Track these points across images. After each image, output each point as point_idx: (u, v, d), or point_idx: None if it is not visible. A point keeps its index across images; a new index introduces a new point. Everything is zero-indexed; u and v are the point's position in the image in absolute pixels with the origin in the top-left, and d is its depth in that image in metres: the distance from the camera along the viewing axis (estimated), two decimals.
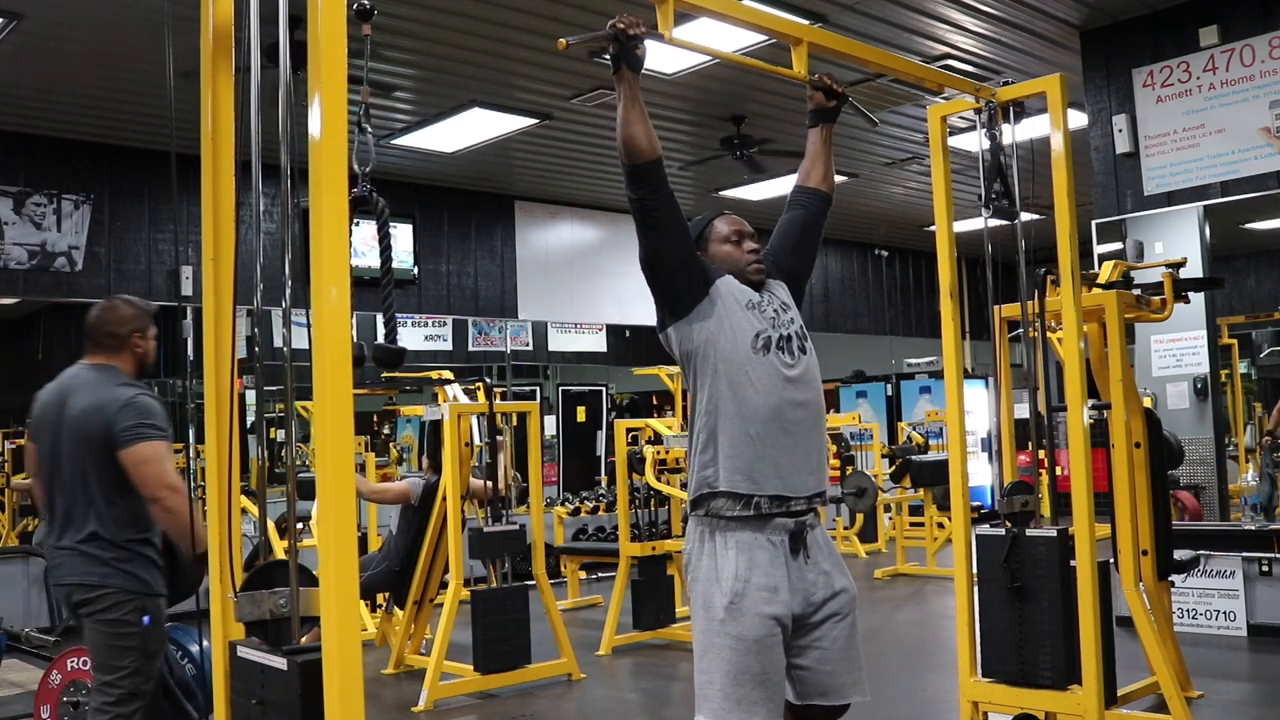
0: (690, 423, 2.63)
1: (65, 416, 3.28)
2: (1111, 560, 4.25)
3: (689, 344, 2.58)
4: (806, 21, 6.03)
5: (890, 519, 10.65)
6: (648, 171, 2.51)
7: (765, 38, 5.18)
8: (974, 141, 3.78)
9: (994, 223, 3.76)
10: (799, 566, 2.53)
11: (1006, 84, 3.79)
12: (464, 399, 6.16)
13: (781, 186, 9.67)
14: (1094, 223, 6.89)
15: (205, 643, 3.37)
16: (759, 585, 2.46)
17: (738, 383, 2.52)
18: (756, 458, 2.49)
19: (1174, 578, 4.65)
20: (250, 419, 7.40)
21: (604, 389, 11.86)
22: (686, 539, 2.62)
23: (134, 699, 3.15)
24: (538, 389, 11.56)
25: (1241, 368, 9.01)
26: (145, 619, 3.19)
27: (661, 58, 6.77)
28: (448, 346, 10.46)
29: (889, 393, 13.83)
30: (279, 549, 5.38)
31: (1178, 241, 6.53)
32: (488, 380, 6.06)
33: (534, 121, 8.08)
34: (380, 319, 2.30)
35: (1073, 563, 3.49)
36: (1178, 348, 6.80)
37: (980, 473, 12.38)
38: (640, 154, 2.50)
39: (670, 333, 2.62)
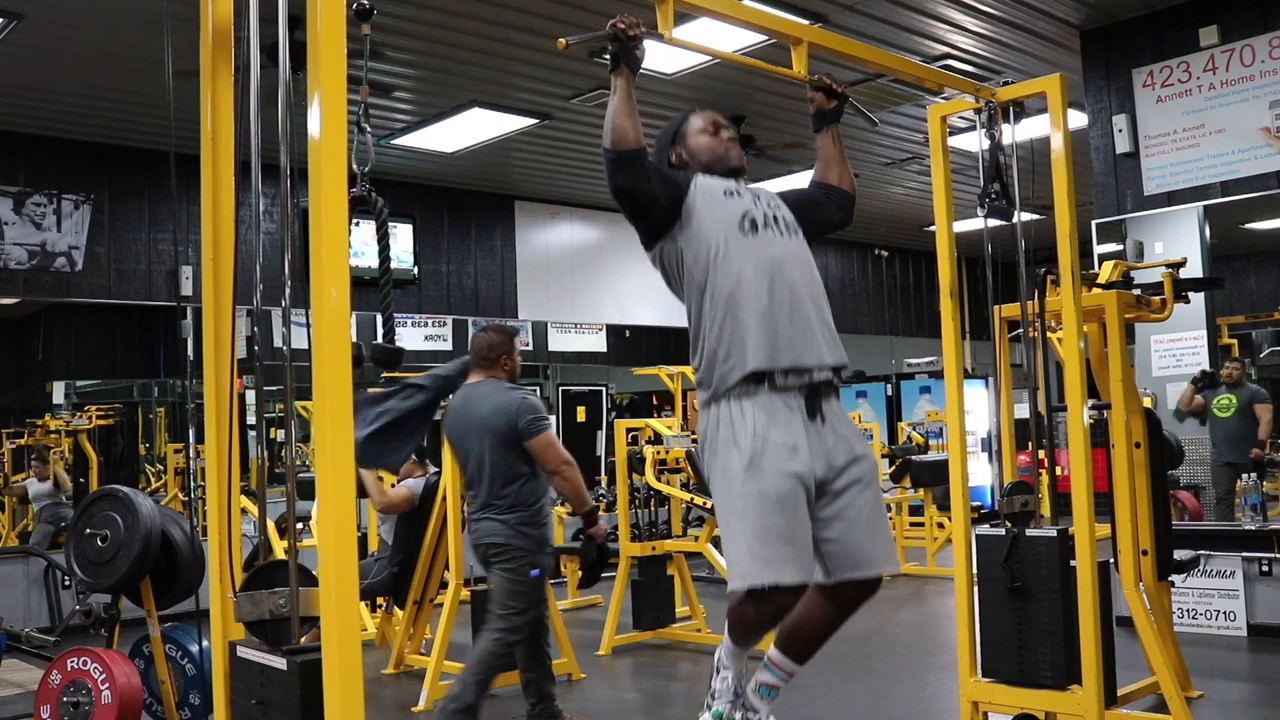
0: (692, 330, 2.59)
1: (473, 418, 4.17)
2: (1111, 560, 4.25)
3: (674, 252, 2.61)
4: (806, 21, 6.03)
5: (890, 519, 10.63)
6: (632, 160, 2.54)
7: (765, 38, 5.18)
8: (974, 141, 3.78)
9: (994, 223, 3.76)
10: (817, 429, 2.48)
11: (1006, 84, 3.79)
12: None
13: (780, 187, 9.66)
14: (1094, 223, 6.89)
15: (205, 643, 3.38)
16: (778, 443, 2.41)
17: (732, 264, 2.52)
18: (768, 333, 2.47)
19: (1174, 578, 4.64)
20: (250, 419, 7.40)
21: (604, 389, 11.85)
22: (700, 427, 2.58)
23: (516, 632, 4.11)
24: (538, 389, 11.56)
25: None
26: (534, 572, 4.11)
27: (661, 58, 6.76)
28: (448, 346, 10.45)
29: (889, 393, 13.83)
30: (279, 549, 5.38)
31: (1178, 241, 6.53)
32: None
33: (534, 121, 8.08)
34: (379, 319, 2.30)
35: (1073, 563, 3.49)
36: (1178, 348, 6.80)
37: (980, 473, 12.37)
38: (627, 143, 2.53)
39: (658, 250, 2.65)
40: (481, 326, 4.58)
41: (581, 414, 11.45)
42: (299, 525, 6.22)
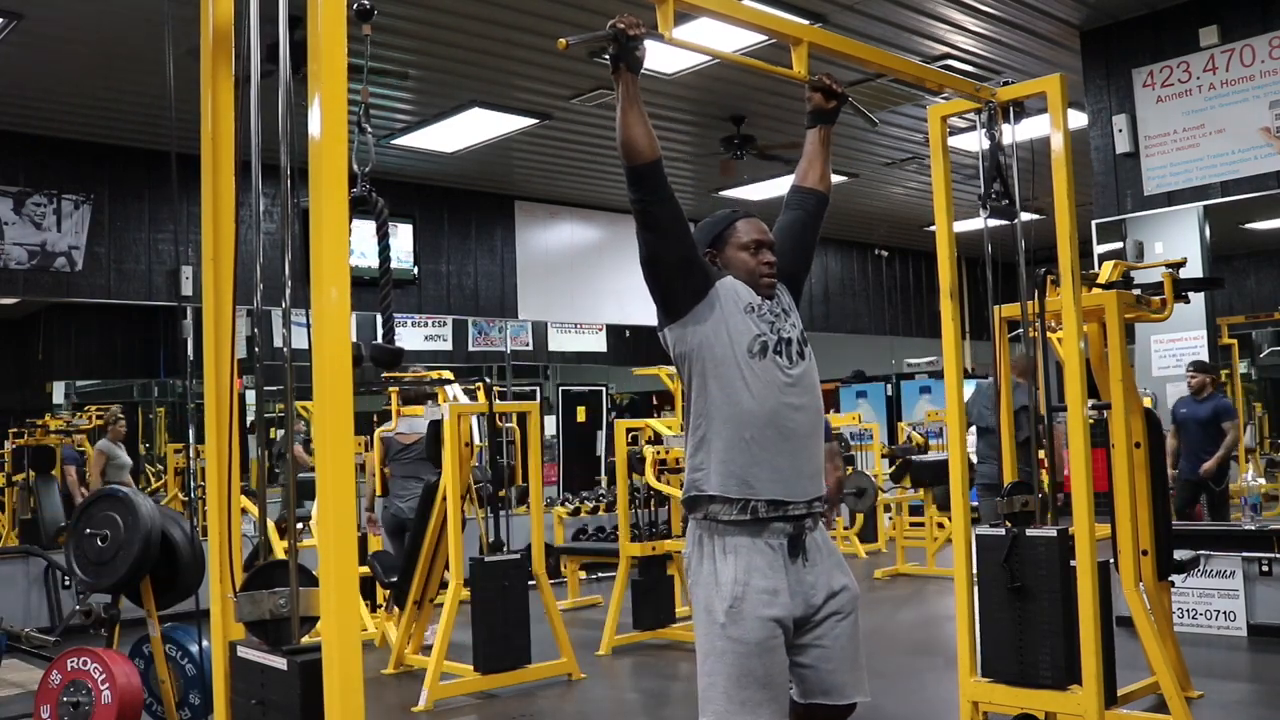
0: (685, 424, 2.63)
1: None
2: (1111, 560, 4.25)
3: (684, 346, 2.57)
4: (806, 21, 6.03)
5: (890, 519, 10.64)
6: (648, 173, 2.49)
7: (765, 38, 5.18)
8: (974, 141, 3.78)
9: (994, 223, 3.76)
10: (798, 569, 2.52)
11: (1006, 84, 3.79)
12: (464, 399, 6.16)
13: (779, 188, 9.66)
14: (1094, 223, 6.89)
15: (205, 643, 3.39)
16: (758, 589, 2.46)
17: (732, 387, 2.50)
18: (752, 462, 2.48)
19: (1174, 578, 4.64)
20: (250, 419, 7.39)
21: (604, 389, 11.85)
22: (686, 542, 2.62)
23: None
24: (538, 389, 11.56)
25: (1241, 368, 9.01)
26: None
27: (661, 58, 6.76)
28: (448, 346, 10.45)
29: (889, 393, 13.82)
30: (279, 549, 5.37)
31: (1178, 241, 6.52)
32: (487, 380, 6.06)
33: (534, 121, 8.08)
34: (379, 319, 2.30)
35: (1073, 563, 3.49)
36: (1178, 348, 6.80)
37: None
38: (639, 155, 2.48)
39: (667, 333, 2.62)
40: None
41: (581, 414, 11.45)
42: (299, 525, 6.22)
